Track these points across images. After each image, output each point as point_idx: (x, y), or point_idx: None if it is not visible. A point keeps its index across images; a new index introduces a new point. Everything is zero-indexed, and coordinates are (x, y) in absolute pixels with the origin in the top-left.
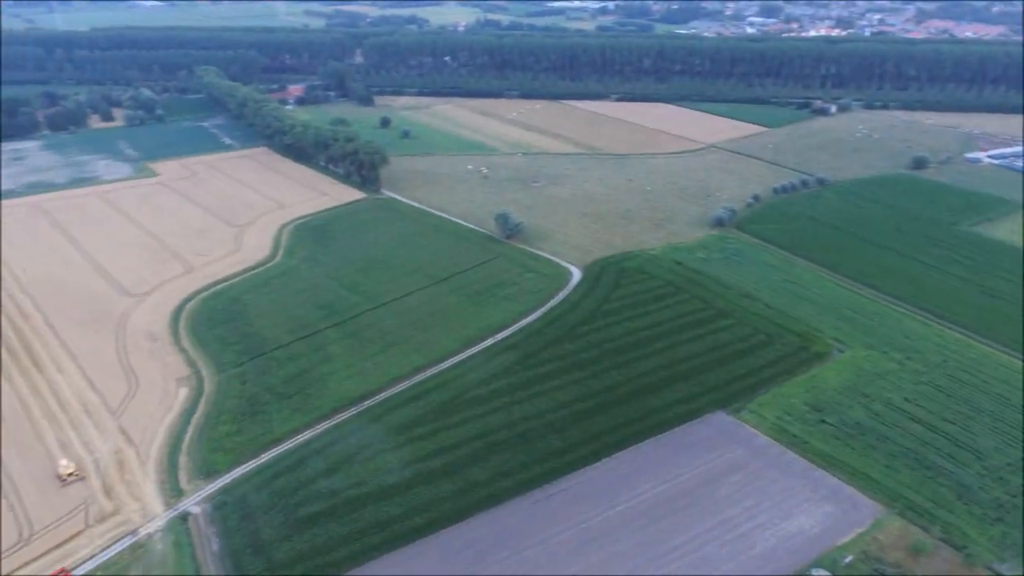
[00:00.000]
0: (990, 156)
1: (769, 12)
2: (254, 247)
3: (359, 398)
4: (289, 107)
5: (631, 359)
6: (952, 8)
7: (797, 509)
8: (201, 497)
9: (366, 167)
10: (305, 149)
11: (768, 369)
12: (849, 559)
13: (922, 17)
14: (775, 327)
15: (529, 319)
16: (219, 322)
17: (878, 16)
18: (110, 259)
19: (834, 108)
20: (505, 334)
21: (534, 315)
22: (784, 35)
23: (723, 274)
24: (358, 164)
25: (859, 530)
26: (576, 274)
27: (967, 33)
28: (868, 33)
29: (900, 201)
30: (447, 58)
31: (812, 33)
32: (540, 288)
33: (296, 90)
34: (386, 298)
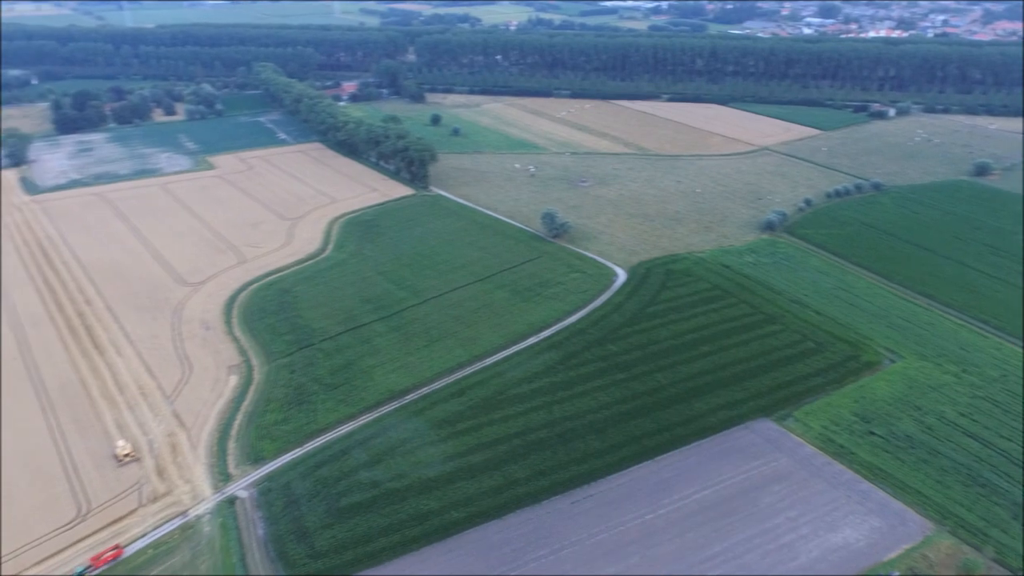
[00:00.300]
0: None
1: (827, 12)
2: (305, 240)
3: (403, 391)
4: (342, 103)
5: (675, 362)
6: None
7: (842, 521)
8: (248, 482)
9: (415, 164)
10: (357, 145)
11: (816, 377)
12: (896, 575)
13: (989, 19)
14: (824, 334)
15: (572, 319)
16: (270, 312)
17: (942, 17)
18: (168, 248)
19: (892, 112)
20: (548, 333)
21: (577, 315)
22: (842, 36)
23: (772, 279)
24: (408, 161)
25: (907, 546)
26: (621, 275)
27: None
28: (931, 35)
29: (959, 208)
30: (498, 56)
31: (872, 34)
32: (584, 288)
33: (350, 87)
34: (432, 293)
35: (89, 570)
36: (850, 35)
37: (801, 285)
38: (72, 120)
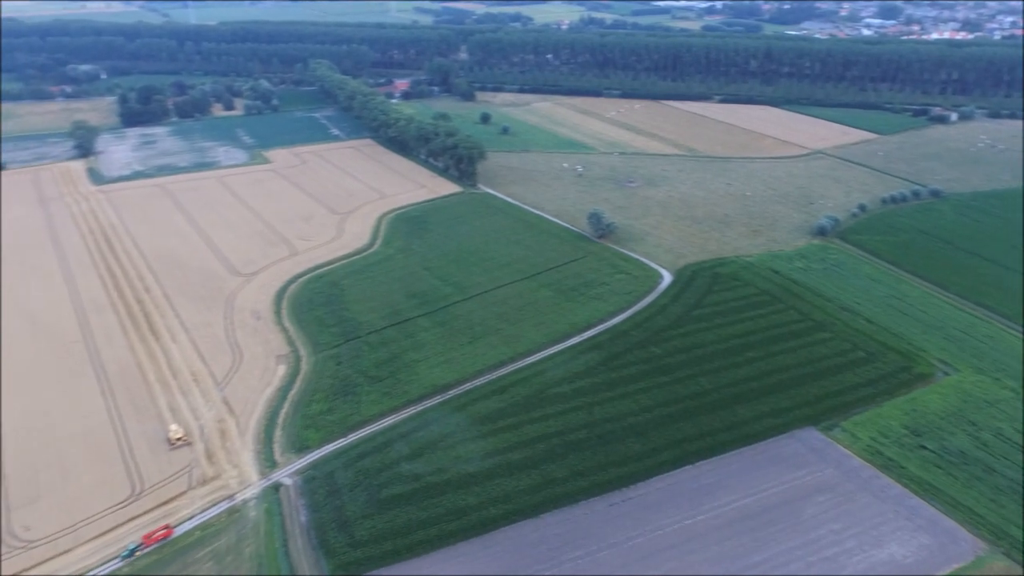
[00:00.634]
0: None
1: (888, 13)
2: (354, 235)
3: (445, 386)
4: (394, 101)
5: (720, 367)
6: None
7: (889, 537)
8: (293, 470)
9: (464, 161)
10: (407, 142)
11: (865, 388)
12: None
13: None
14: (875, 344)
15: (616, 320)
16: (318, 304)
17: (1011, 19)
18: (223, 239)
19: (954, 116)
20: (591, 333)
21: (621, 316)
22: (904, 38)
23: (822, 285)
24: (457, 158)
25: (957, 566)
26: (667, 277)
27: None
28: (998, 37)
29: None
30: (549, 56)
31: (935, 36)
32: (629, 289)
33: (402, 84)
34: (477, 290)
35: (140, 547)
36: (912, 37)
37: (852, 292)
38: (137, 113)
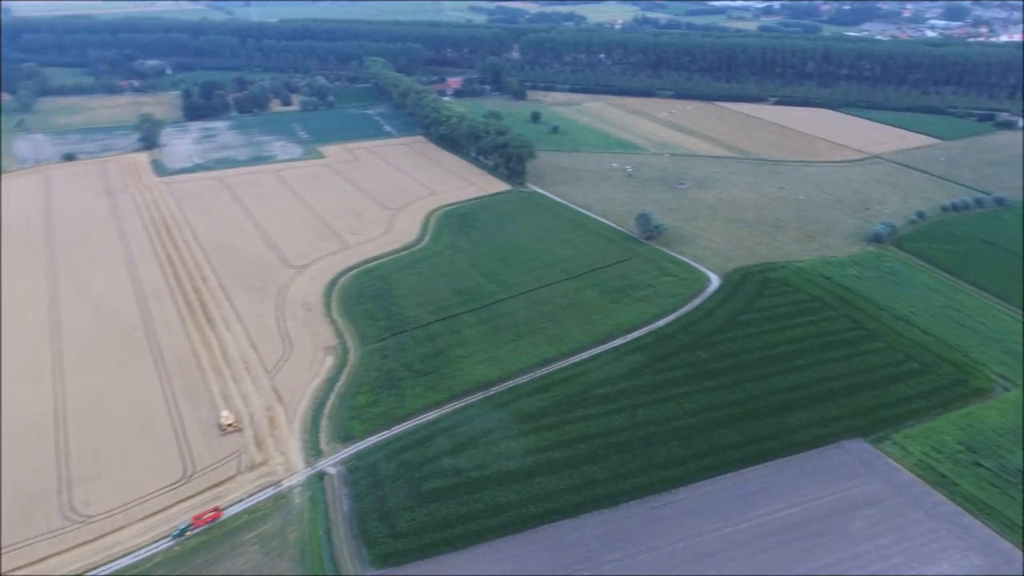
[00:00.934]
0: None
1: (954, 14)
2: (404, 230)
3: (489, 383)
4: (446, 99)
5: (767, 373)
6: None
7: (939, 556)
8: (337, 459)
9: (513, 160)
10: (458, 140)
11: (919, 400)
12: None
13: None
14: (930, 355)
15: (661, 322)
16: (367, 298)
17: None
18: (277, 232)
19: (1022, 122)
20: (636, 335)
21: (667, 318)
22: (970, 40)
23: (876, 293)
24: (506, 157)
25: None
26: (715, 281)
27: None
28: None
29: None
30: (601, 55)
31: (1004, 38)
32: (676, 292)
33: (454, 82)
34: (522, 288)
35: (191, 528)
36: (979, 39)
37: (908, 302)
38: (199, 108)
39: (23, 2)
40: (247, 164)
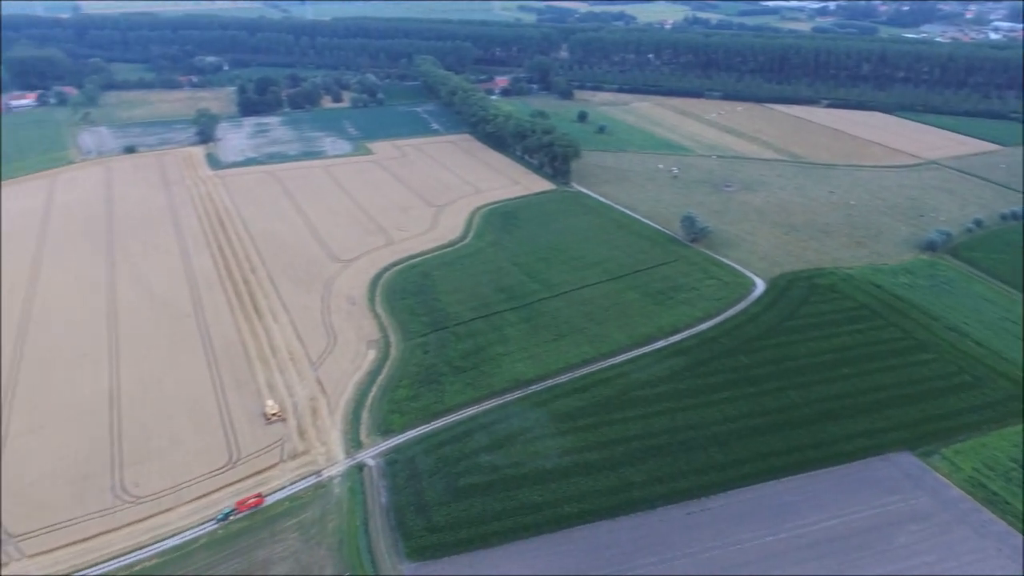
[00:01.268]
0: None
1: (1020, 16)
2: (448, 227)
3: (528, 381)
4: (494, 97)
5: (812, 381)
6: None
7: None
8: (376, 452)
9: (559, 159)
10: (504, 138)
11: (970, 414)
12: None
13: None
14: (984, 368)
15: (704, 326)
16: (410, 293)
17: None
18: (325, 226)
19: None
20: (678, 338)
21: (710, 322)
22: None
23: (928, 303)
24: (552, 156)
25: None
26: (760, 286)
27: None
28: None
29: None
30: (650, 55)
31: None
32: (720, 296)
33: (502, 81)
34: (564, 288)
35: (234, 512)
36: None
37: (962, 312)
38: (253, 104)
39: (92, 1)
40: (298, 159)
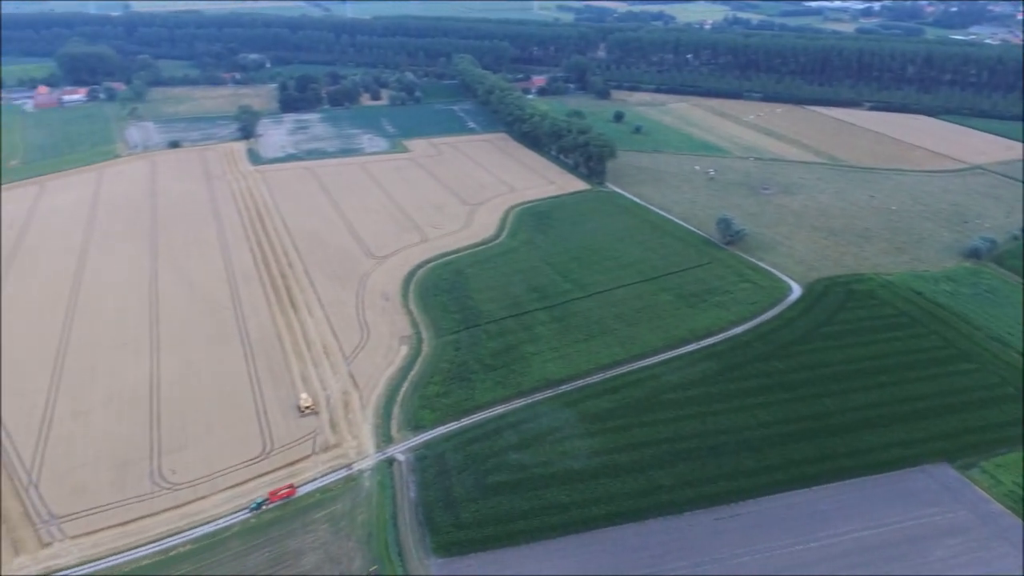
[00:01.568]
0: None
1: None
2: (482, 225)
3: (558, 381)
4: (530, 96)
5: (847, 389)
6: None
7: None
8: (406, 447)
9: (594, 159)
10: (540, 137)
11: (1013, 427)
12: None
13: None
14: None
15: (737, 329)
16: (443, 291)
17: None
18: (361, 222)
19: None
20: (710, 341)
21: (744, 326)
22: None
23: (971, 312)
24: (587, 156)
25: None
26: (796, 290)
27: None
28: None
29: None
30: (688, 56)
31: None
32: (754, 299)
33: (539, 80)
34: (596, 288)
35: (267, 502)
36: None
37: (1006, 322)
38: (294, 100)
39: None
40: (336, 156)
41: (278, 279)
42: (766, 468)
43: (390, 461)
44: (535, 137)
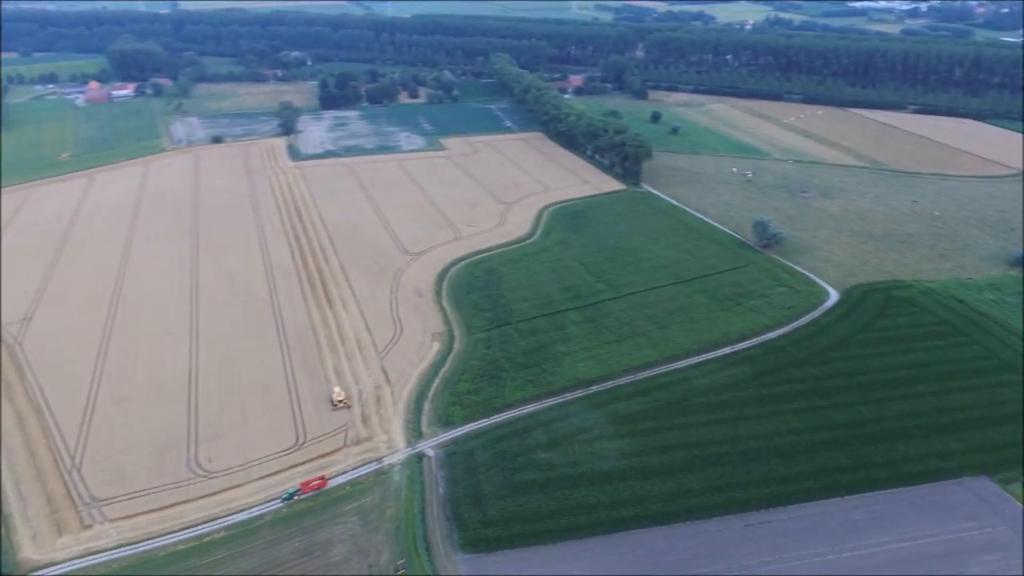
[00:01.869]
0: None
1: None
2: (516, 224)
3: (588, 381)
4: (567, 96)
5: (884, 397)
6: None
7: None
8: (436, 443)
9: (630, 159)
10: (575, 137)
11: None
12: None
13: None
14: None
15: (772, 334)
16: (475, 288)
17: None
18: (397, 219)
19: None
20: (744, 345)
21: (778, 331)
22: None
23: (1016, 321)
24: (623, 156)
25: None
26: (833, 295)
27: None
28: None
29: None
30: (728, 56)
31: None
32: (790, 304)
33: (576, 80)
34: (629, 289)
35: (298, 493)
36: None
37: None
38: (333, 98)
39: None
40: (373, 153)
41: (314, 273)
42: (798, 475)
43: (420, 456)
44: (571, 136)
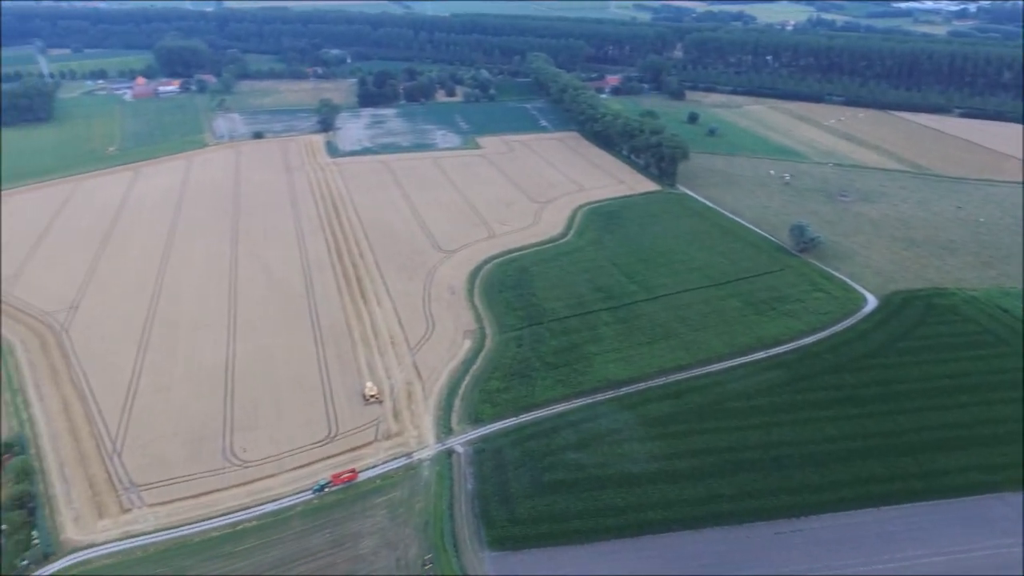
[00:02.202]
0: None
1: None
2: (550, 223)
3: (619, 383)
4: (604, 96)
5: (923, 407)
6: None
7: None
8: (466, 439)
9: (666, 160)
10: (611, 137)
11: None
12: None
13: None
14: None
15: (807, 340)
16: (508, 287)
17: None
18: (431, 216)
19: None
20: (778, 350)
21: (814, 336)
22: None
23: None
24: (658, 157)
25: None
26: (872, 302)
27: None
28: None
29: None
30: (768, 57)
31: None
32: (827, 310)
33: (613, 80)
34: (662, 291)
35: (329, 485)
36: None
37: None
38: (372, 95)
39: None
40: (410, 150)
41: (350, 269)
42: (832, 484)
43: (449, 452)
44: (607, 136)
